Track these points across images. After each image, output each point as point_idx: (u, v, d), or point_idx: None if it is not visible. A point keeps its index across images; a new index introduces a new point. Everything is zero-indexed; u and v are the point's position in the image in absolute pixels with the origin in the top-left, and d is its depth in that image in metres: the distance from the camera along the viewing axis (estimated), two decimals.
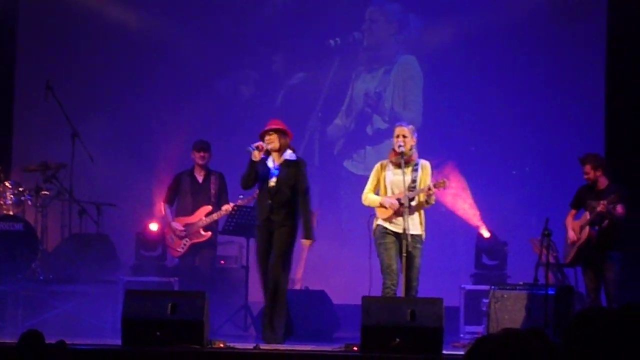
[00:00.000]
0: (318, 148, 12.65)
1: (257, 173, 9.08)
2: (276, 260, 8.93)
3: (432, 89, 12.50)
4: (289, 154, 9.10)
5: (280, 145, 9.06)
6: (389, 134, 9.72)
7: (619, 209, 9.40)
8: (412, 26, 12.60)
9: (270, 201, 8.99)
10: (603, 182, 9.66)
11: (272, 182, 9.01)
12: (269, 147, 9.03)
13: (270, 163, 9.09)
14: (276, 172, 9.03)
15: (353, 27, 12.66)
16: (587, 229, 9.53)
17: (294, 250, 9.15)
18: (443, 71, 12.43)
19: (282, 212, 9.00)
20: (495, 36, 12.31)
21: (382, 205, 8.85)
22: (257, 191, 9.32)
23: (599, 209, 9.37)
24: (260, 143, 8.99)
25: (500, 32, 12.31)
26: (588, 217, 9.56)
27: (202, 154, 10.87)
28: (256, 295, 8.94)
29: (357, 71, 12.69)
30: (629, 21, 11.84)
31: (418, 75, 12.56)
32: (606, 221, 9.46)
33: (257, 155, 8.94)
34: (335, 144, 12.65)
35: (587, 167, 9.66)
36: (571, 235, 9.66)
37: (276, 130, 9.05)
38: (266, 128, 9.11)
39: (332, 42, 12.61)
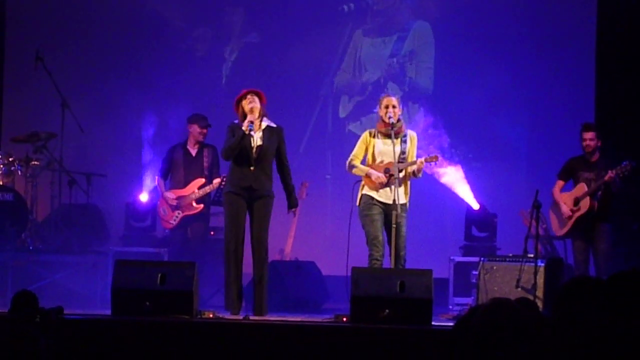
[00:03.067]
0: (331, 117, 12.57)
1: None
2: (264, 232, 8.79)
3: (443, 55, 12.42)
4: (267, 121, 8.84)
5: (260, 109, 8.81)
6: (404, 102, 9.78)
7: (618, 179, 9.40)
8: None
9: (252, 168, 8.73)
10: (597, 155, 9.66)
11: (256, 148, 8.70)
12: (252, 106, 8.69)
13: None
14: (259, 138, 8.71)
15: None
16: (587, 199, 9.51)
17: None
18: (452, 38, 12.35)
19: (264, 180, 8.78)
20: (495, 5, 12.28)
21: (368, 176, 8.84)
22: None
23: (607, 177, 9.33)
24: (251, 118, 8.71)
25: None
26: (585, 188, 9.54)
27: (205, 131, 10.84)
28: (246, 266, 8.87)
29: (367, 37, 12.56)
30: None
31: (432, 42, 12.49)
32: (600, 192, 9.47)
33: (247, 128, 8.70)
34: (345, 109, 12.54)
35: (592, 134, 9.60)
36: (565, 209, 9.65)
37: (256, 93, 8.82)
38: (247, 90, 8.84)
39: (345, 7, 12.51)
